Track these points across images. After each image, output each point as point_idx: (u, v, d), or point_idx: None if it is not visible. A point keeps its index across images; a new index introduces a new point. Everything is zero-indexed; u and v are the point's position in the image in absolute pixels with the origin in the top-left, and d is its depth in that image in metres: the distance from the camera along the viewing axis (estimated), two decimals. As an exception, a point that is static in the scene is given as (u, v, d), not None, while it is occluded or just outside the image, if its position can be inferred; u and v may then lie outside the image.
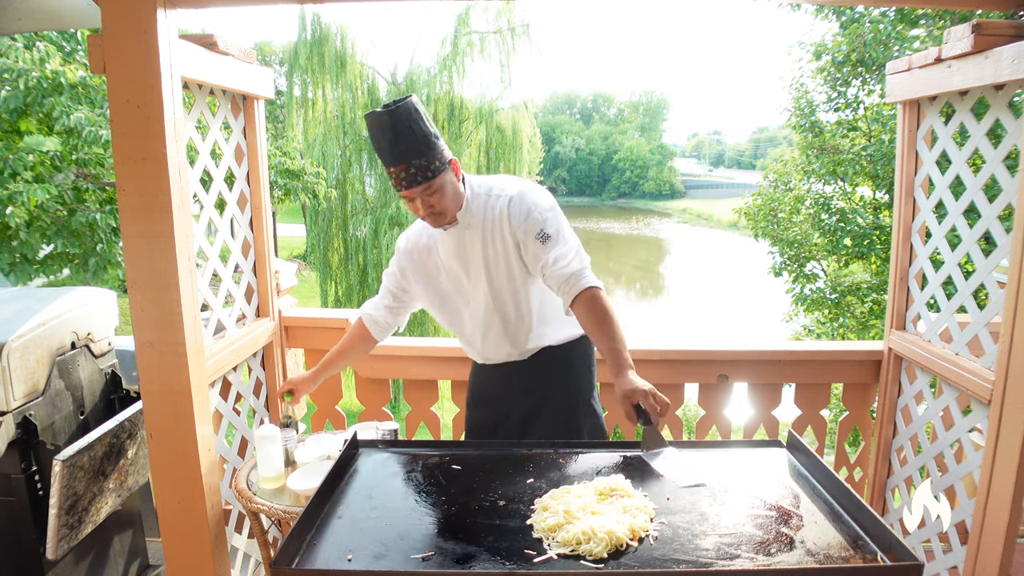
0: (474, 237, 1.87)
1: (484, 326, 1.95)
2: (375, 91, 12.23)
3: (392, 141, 1.70)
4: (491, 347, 1.98)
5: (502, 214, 1.83)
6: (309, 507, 1.32)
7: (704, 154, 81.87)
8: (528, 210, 1.81)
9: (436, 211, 1.79)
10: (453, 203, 1.81)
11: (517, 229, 1.81)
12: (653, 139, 60.97)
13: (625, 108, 67.89)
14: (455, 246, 1.90)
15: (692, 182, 60.38)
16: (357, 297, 12.11)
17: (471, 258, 1.89)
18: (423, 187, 1.73)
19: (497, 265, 1.87)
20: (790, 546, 1.23)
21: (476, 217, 1.86)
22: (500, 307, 1.91)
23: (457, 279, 1.96)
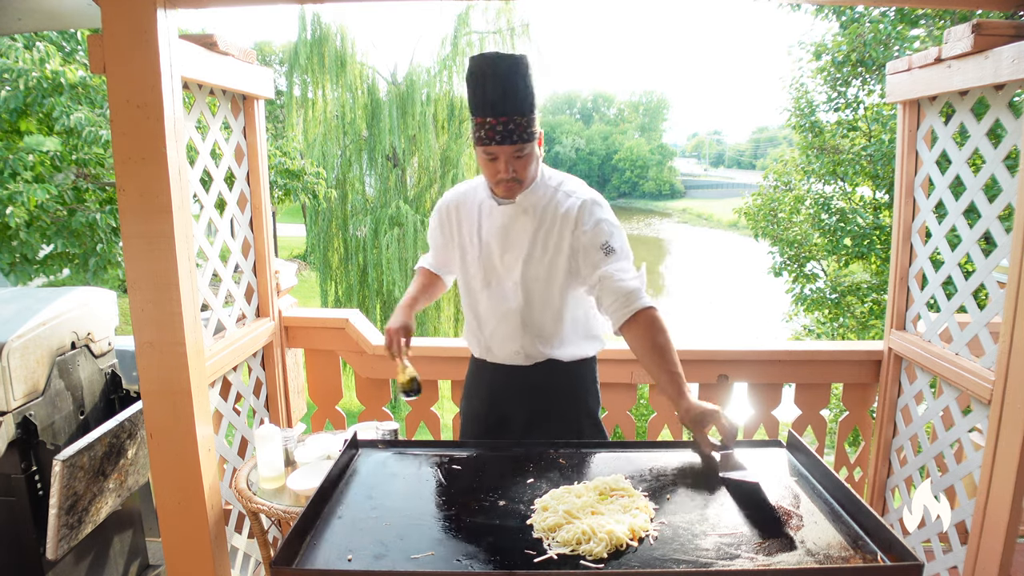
0: (526, 224, 1.77)
1: (502, 313, 1.84)
2: (375, 91, 12.23)
3: (502, 90, 1.60)
4: (499, 339, 1.87)
5: (569, 213, 1.75)
6: (309, 507, 1.32)
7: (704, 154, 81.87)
8: (599, 219, 1.74)
9: (517, 178, 1.69)
10: (531, 176, 1.73)
11: (583, 235, 1.74)
12: (653, 139, 60.99)
13: (625, 108, 67.90)
14: (502, 224, 1.79)
15: (692, 182, 60.39)
16: (357, 297, 12.11)
17: (514, 242, 1.79)
18: (516, 147, 1.64)
19: (542, 259, 1.78)
20: (790, 546, 1.23)
21: (537, 205, 1.77)
22: (527, 299, 1.81)
23: (489, 257, 1.83)
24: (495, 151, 1.66)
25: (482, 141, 1.66)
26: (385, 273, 11.55)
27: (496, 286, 1.84)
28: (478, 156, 1.72)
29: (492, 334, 1.89)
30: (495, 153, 1.66)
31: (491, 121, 1.62)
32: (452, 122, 12.48)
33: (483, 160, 1.71)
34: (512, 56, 1.62)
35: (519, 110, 1.62)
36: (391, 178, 12.66)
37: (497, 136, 1.63)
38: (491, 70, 1.61)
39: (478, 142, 1.68)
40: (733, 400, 2.69)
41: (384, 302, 12.02)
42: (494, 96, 1.61)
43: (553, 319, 1.84)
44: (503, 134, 1.62)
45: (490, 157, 1.68)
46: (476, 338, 1.95)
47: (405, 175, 13.00)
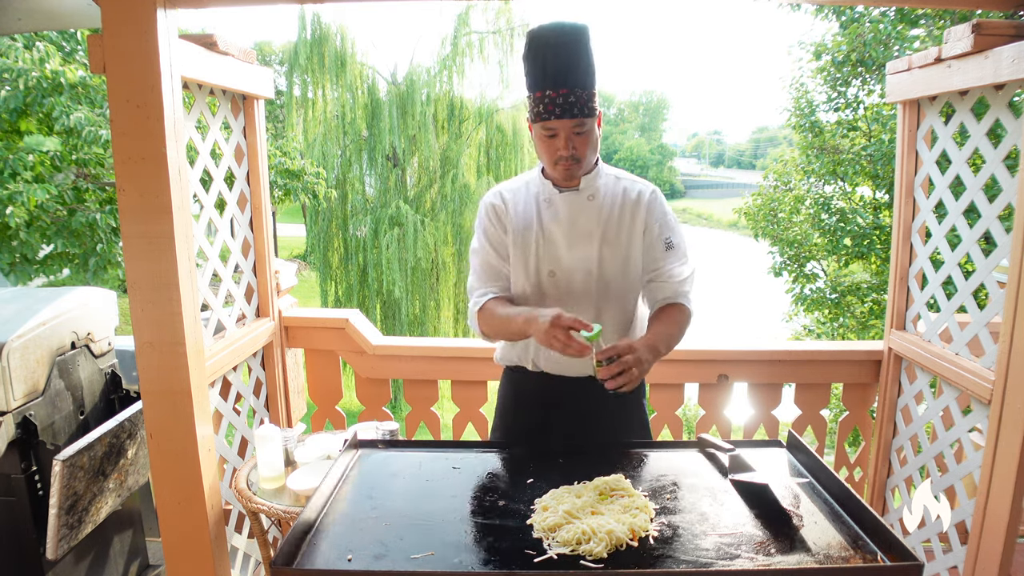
0: (593, 209, 1.68)
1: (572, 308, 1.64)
2: (375, 91, 12.23)
3: (566, 60, 1.52)
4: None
5: (640, 199, 1.70)
6: (309, 507, 1.32)
7: (704, 154, 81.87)
8: (666, 211, 1.72)
9: (576, 156, 1.59)
10: (591, 156, 1.64)
11: (653, 222, 1.69)
12: (653, 139, 61.00)
13: (625, 108, 67.90)
14: (567, 212, 1.69)
15: (692, 182, 60.41)
16: (357, 297, 12.11)
17: (584, 231, 1.68)
18: (577, 121, 1.55)
19: (617, 245, 1.69)
20: (790, 546, 1.23)
21: (603, 190, 1.70)
22: (602, 290, 1.69)
23: (553, 246, 1.70)
24: (555, 126, 1.56)
25: (541, 116, 1.57)
26: (385, 273, 11.55)
27: (562, 279, 1.70)
28: (535, 136, 1.63)
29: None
30: (555, 128, 1.57)
31: (551, 94, 1.53)
32: (452, 122, 12.48)
33: (541, 139, 1.61)
34: (575, 25, 1.55)
35: (581, 83, 1.54)
36: (391, 178, 12.67)
37: (557, 109, 1.54)
38: (554, 40, 1.54)
39: (536, 118, 1.59)
40: (733, 400, 2.69)
41: (384, 302, 12.02)
42: (555, 68, 1.53)
43: (627, 316, 1.74)
44: (563, 107, 1.53)
45: (549, 133, 1.58)
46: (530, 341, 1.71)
47: (405, 175, 13.00)
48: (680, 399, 2.69)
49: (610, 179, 1.73)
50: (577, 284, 1.69)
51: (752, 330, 18.12)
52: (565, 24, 1.55)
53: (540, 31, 1.57)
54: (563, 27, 1.55)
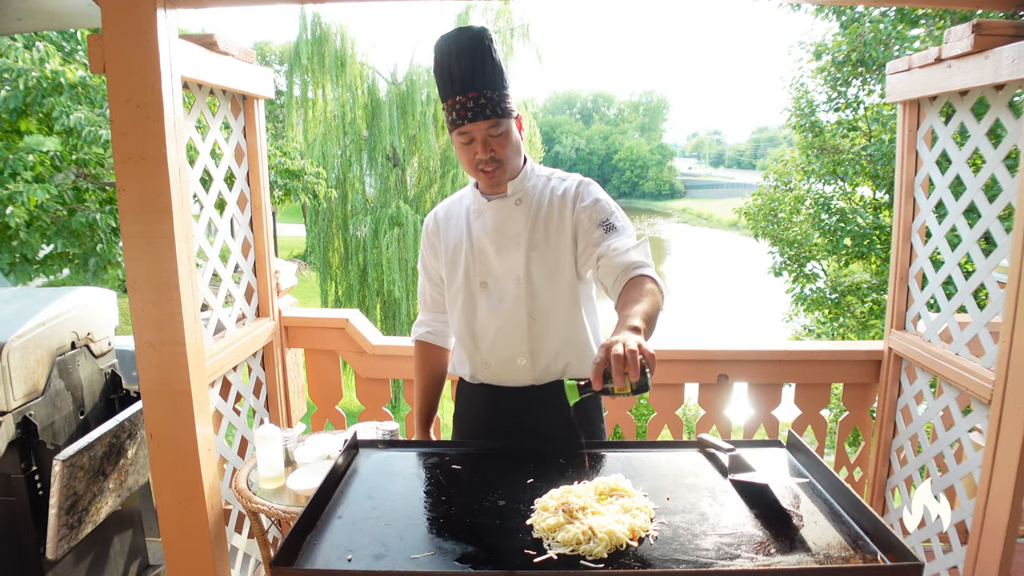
0: (521, 215, 1.66)
1: (505, 316, 1.66)
2: (375, 91, 12.23)
3: (469, 64, 1.52)
4: (503, 346, 1.68)
5: (566, 195, 1.65)
6: (309, 507, 1.32)
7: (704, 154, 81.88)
8: (597, 198, 1.64)
9: (497, 157, 1.58)
10: (513, 158, 1.62)
11: (582, 212, 1.62)
12: (653, 139, 61.02)
13: (625, 108, 67.93)
14: (495, 220, 1.67)
15: (692, 182, 60.43)
16: (357, 297, 12.12)
17: (511, 236, 1.66)
18: (491, 123, 1.54)
19: (545, 249, 1.65)
20: (790, 546, 1.23)
21: (531, 195, 1.67)
22: (531, 296, 1.65)
23: (484, 257, 1.69)
24: (469, 129, 1.55)
25: (455, 123, 1.56)
26: (385, 273, 11.55)
27: (494, 289, 1.69)
28: (455, 146, 1.63)
29: (492, 346, 1.70)
30: (469, 132, 1.56)
31: (461, 99, 1.53)
32: (452, 122, 12.47)
33: (460, 147, 1.61)
34: (473, 29, 1.54)
35: (490, 84, 1.53)
36: (391, 178, 12.67)
37: (469, 113, 1.53)
38: (455, 47, 1.54)
39: (452, 127, 1.58)
40: (733, 400, 2.69)
41: (384, 302, 12.03)
42: (461, 72, 1.53)
43: (563, 321, 1.68)
44: (475, 110, 1.53)
45: (465, 139, 1.58)
46: (470, 356, 1.76)
47: (405, 175, 13.00)
48: (680, 399, 2.69)
49: (540, 180, 1.70)
50: (508, 293, 1.67)
51: (752, 330, 18.12)
52: (465, 29, 1.56)
53: (441, 39, 1.57)
54: (463, 32, 1.55)
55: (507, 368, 1.71)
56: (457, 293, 1.74)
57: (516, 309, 1.67)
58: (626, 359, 1.20)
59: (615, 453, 1.66)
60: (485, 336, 1.71)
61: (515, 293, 1.66)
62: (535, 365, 1.69)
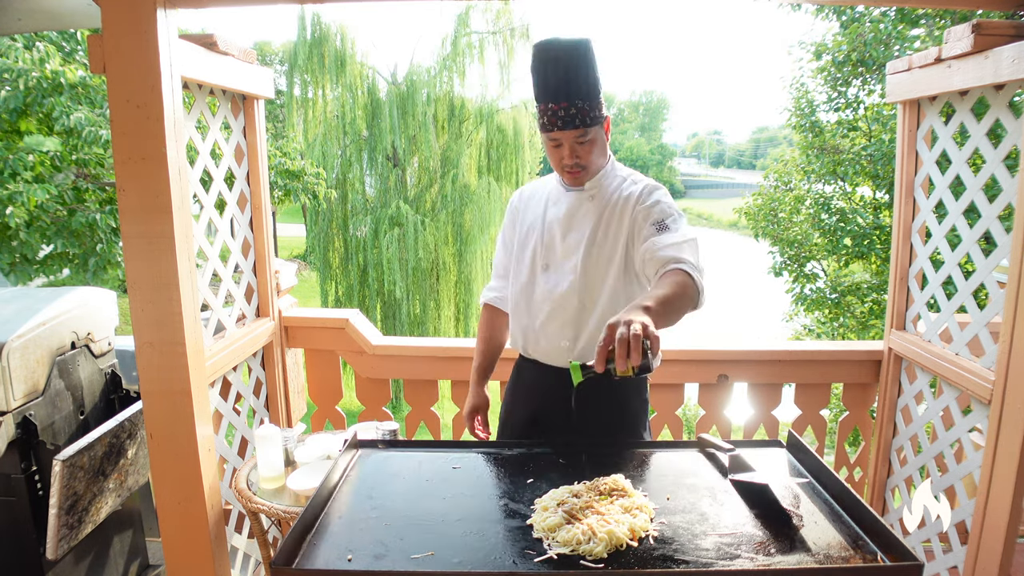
0: (591, 209, 1.75)
1: (557, 301, 1.76)
2: (375, 91, 12.23)
3: (565, 74, 1.60)
4: (550, 328, 1.78)
5: (631, 195, 1.72)
6: (309, 507, 1.32)
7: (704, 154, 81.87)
8: (658, 199, 1.70)
9: (581, 163, 1.68)
10: (597, 161, 1.71)
11: (640, 211, 1.68)
12: (653, 139, 61.01)
13: (625, 108, 67.90)
14: (568, 209, 1.77)
15: (692, 182, 60.40)
16: (357, 297, 12.11)
17: (576, 227, 1.76)
18: (579, 132, 1.64)
19: (603, 244, 1.73)
20: (790, 546, 1.23)
21: (604, 192, 1.75)
22: (584, 288, 1.73)
23: (551, 240, 1.79)
24: (558, 136, 1.66)
25: (545, 127, 1.67)
26: (385, 273, 11.55)
27: (554, 270, 1.79)
28: (544, 143, 1.73)
29: (544, 323, 1.79)
30: (558, 139, 1.67)
31: (553, 107, 1.62)
32: (452, 122, 12.48)
33: (548, 147, 1.72)
34: (574, 41, 1.61)
35: (583, 93, 1.61)
36: (391, 178, 12.67)
37: (559, 121, 1.63)
38: (553, 55, 1.61)
39: (542, 128, 1.69)
40: (733, 400, 2.69)
41: (384, 302, 12.02)
42: (555, 81, 1.61)
43: (607, 311, 1.73)
44: (565, 119, 1.62)
45: (554, 143, 1.68)
46: (523, 330, 1.85)
47: (405, 175, 13.00)
48: (680, 399, 2.69)
49: (617, 180, 1.77)
50: (564, 279, 1.76)
51: (752, 330, 18.11)
52: (565, 39, 1.61)
53: (543, 44, 1.63)
54: (563, 42, 1.61)
55: (553, 347, 1.80)
56: (522, 270, 1.86)
57: (569, 295, 1.75)
58: (629, 341, 1.19)
59: (615, 453, 1.66)
60: (539, 314, 1.81)
61: (571, 280, 1.75)
62: (574, 349, 1.78)
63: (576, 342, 1.77)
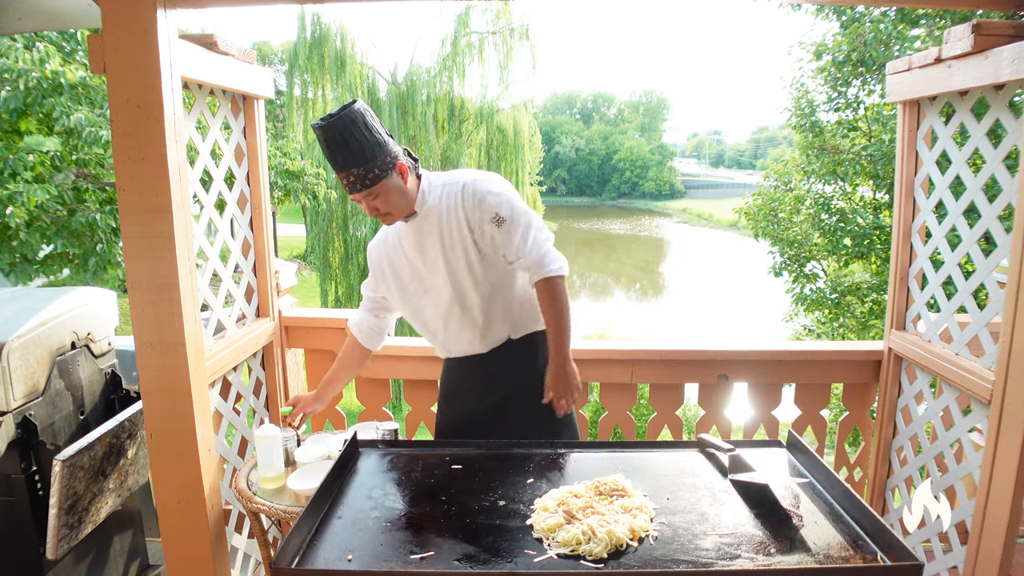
0: (431, 227, 1.92)
1: (445, 314, 2.00)
2: (375, 91, 12.24)
3: (332, 151, 1.78)
4: (452, 336, 2.03)
5: (456, 201, 1.89)
6: (309, 507, 1.32)
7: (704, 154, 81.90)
8: (481, 196, 1.87)
9: (382, 212, 1.86)
10: (400, 203, 1.87)
11: (472, 213, 1.88)
12: (653, 139, 60.96)
13: (625, 108, 67.90)
14: (415, 237, 1.96)
15: (692, 182, 60.38)
16: (357, 297, 12.09)
17: (428, 247, 1.95)
18: (364, 193, 1.81)
19: (454, 251, 1.92)
20: (790, 546, 1.23)
21: (432, 208, 1.92)
22: (459, 294, 1.95)
23: (416, 270, 2.01)
24: (353, 198, 1.86)
25: (347, 192, 1.87)
26: (385, 273, 11.53)
27: (432, 292, 2.00)
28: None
29: (446, 335, 2.04)
30: (356, 199, 1.86)
31: (339, 176, 1.82)
32: (452, 122, 12.49)
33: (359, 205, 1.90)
34: (333, 119, 1.76)
35: (352, 163, 1.77)
36: (391, 178, 12.65)
37: (348, 188, 1.82)
38: (322, 135, 1.78)
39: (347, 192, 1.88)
40: (733, 400, 2.69)
41: (384, 302, 12.01)
42: (331, 156, 1.79)
43: (488, 301, 1.96)
44: (349, 186, 1.81)
45: (357, 201, 1.87)
46: (436, 343, 2.12)
47: (405, 175, 12.98)
48: (680, 399, 2.69)
49: (438, 191, 1.93)
50: (442, 294, 1.97)
51: (752, 330, 18.12)
52: (331, 117, 1.78)
53: (315, 125, 1.80)
54: (329, 120, 1.77)
55: (461, 347, 2.05)
56: (406, 301, 2.08)
57: (451, 305, 1.98)
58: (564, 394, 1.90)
59: (615, 453, 1.67)
60: (437, 330, 2.06)
61: (447, 294, 1.97)
62: (484, 340, 2.01)
63: (481, 335, 2.00)
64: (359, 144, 1.78)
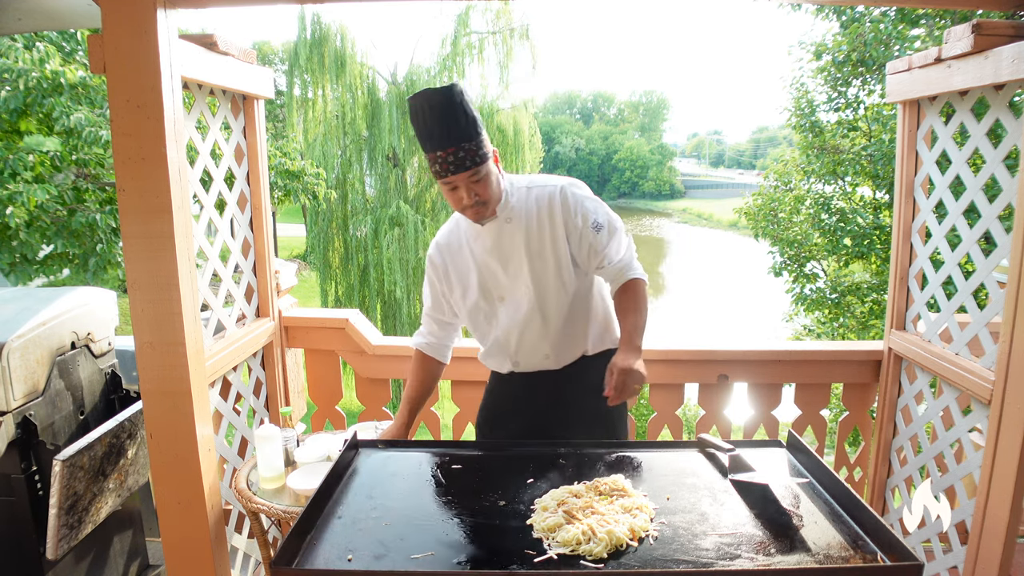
0: (515, 230, 1.81)
1: (523, 323, 1.86)
2: (375, 91, 12.23)
3: (442, 123, 1.65)
4: (527, 349, 1.90)
5: (551, 204, 1.80)
6: (309, 507, 1.32)
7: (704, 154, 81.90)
8: (580, 201, 1.81)
9: (480, 200, 1.71)
10: (496, 193, 1.75)
11: (571, 219, 1.79)
12: (653, 139, 60.99)
13: (625, 108, 67.90)
14: (493, 240, 1.83)
15: (692, 182, 60.40)
16: (357, 297, 12.12)
17: (512, 252, 1.83)
18: (471, 172, 1.67)
19: (543, 256, 1.81)
20: (790, 546, 1.23)
21: (517, 210, 1.81)
22: (543, 302, 1.84)
23: (494, 275, 1.87)
24: (452, 180, 1.69)
25: (439, 175, 1.70)
26: (386, 273, 11.55)
27: (510, 300, 1.87)
28: (441, 189, 1.78)
29: (518, 347, 1.90)
30: (453, 183, 1.70)
31: (441, 155, 1.66)
32: (452, 122, 12.45)
33: (446, 192, 1.75)
34: (444, 89, 1.67)
35: (465, 136, 1.66)
36: (391, 178, 12.67)
37: (452, 167, 1.67)
38: (427, 105, 1.66)
39: (436, 176, 1.72)
40: (733, 400, 2.69)
41: (384, 302, 12.02)
42: (439, 129, 1.66)
43: (573, 313, 1.87)
44: (455, 163, 1.66)
45: (450, 187, 1.72)
46: (502, 356, 1.95)
47: (405, 175, 13.00)
48: (680, 399, 2.69)
49: (522, 194, 1.84)
50: (522, 303, 1.85)
51: (752, 330, 18.12)
52: (436, 89, 1.67)
53: (415, 100, 1.69)
54: (435, 91, 1.67)
55: (534, 362, 1.92)
56: (476, 309, 1.93)
57: (532, 316, 1.85)
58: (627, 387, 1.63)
59: (616, 453, 1.67)
60: (509, 342, 1.91)
61: (528, 301, 1.84)
62: (558, 357, 1.91)
63: (556, 351, 1.89)
64: (473, 116, 1.68)
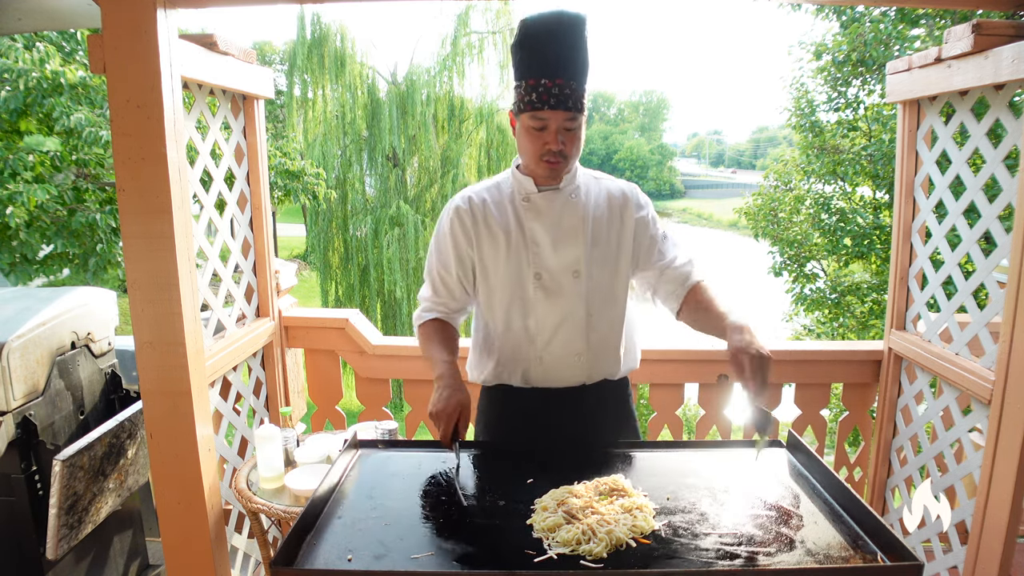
0: (578, 208, 1.61)
1: (562, 312, 1.61)
2: (375, 91, 12.23)
3: (567, 50, 1.45)
4: (558, 344, 1.63)
5: (627, 199, 1.66)
6: (309, 507, 1.32)
7: (704, 154, 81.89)
8: (646, 202, 1.71)
9: (565, 152, 1.51)
10: (576, 156, 1.57)
11: (646, 218, 1.68)
12: (653, 139, 61.00)
13: (625, 108, 67.92)
14: (550, 211, 1.60)
15: (692, 182, 60.41)
16: (357, 297, 12.12)
17: (568, 231, 1.61)
18: (570, 115, 1.48)
19: (606, 248, 1.63)
20: (790, 546, 1.23)
21: (583, 189, 1.64)
22: (590, 293, 1.62)
23: (536, 246, 1.61)
24: (547, 116, 1.47)
25: (533, 105, 1.47)
26: (385, 273, 11.55)
27: (550, 282, 1.61)
28: (521, 128, 1.53)
29: (549, 342, 1.63)
30: (546, 119, 1.48)
31: (547, 83, 1.45)
32: (452, 122, 12.48)
33: (528, 131, 1.51)
34: (577, 16, 1.46)
35: (579, 74, 1.48)
36: (391, 178, 12.67)
37: (552, 99, 1.45)
38: (555, 27, 1.45)
39: (527, 107, 1.49)
40: (733, 400, 2.69)
41: (384, 302, 12.02)
42: (556, 57, 1.45)
43: (616, 318, 1.68)
44: (559, 97, 1.45)
45: (539, 125, 1.49)
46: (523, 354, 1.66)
47: (405, 175, 13.00)
48: (680, 399, 2.69)
49: (589, 179, 1.69)
50: (565, 286, 1.61)
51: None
52: (567, 12, 1.46)
53: (540, 17, 1.48)
54: (565, 15, 1.47)
55: (562, 365, 1.65)
56: (501, 286, 1.64)
57: (576, 305, 1.61)
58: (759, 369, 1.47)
59: (616, 453, 1.66)
60: (542, 331, 1.63)
61: (573, 288, 1.61)
62: (591, 362, 1.66)
63: (591, 353, 1.65)
64: (587, 60, 1.50)
